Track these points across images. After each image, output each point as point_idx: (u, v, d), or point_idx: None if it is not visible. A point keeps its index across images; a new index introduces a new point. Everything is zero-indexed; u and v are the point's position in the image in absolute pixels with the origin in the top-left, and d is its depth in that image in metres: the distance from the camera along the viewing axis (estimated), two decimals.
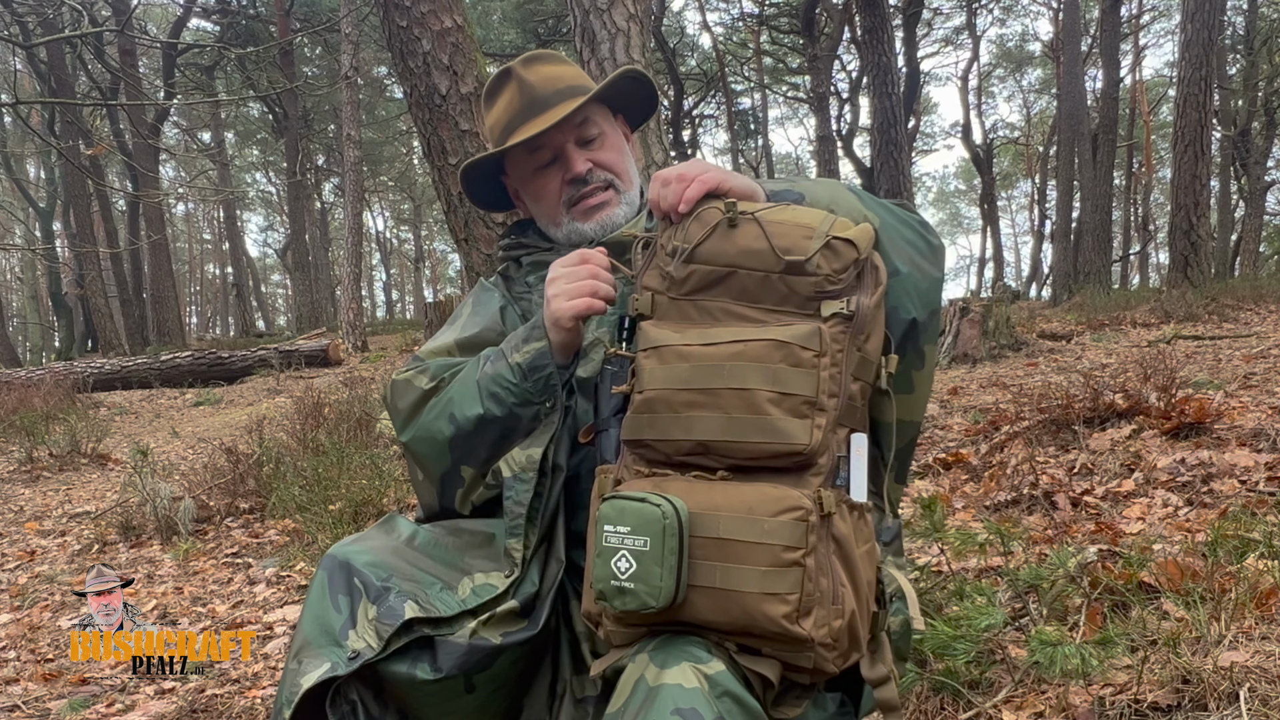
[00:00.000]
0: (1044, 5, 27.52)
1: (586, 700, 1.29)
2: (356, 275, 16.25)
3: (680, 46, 23.41)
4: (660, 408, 1.15)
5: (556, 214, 1.50)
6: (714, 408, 1.12)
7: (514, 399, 1.30)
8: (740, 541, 1.06)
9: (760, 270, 1.15)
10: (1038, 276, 30.92)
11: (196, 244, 44.26)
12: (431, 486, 1.40)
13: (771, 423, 1.10)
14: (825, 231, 1.15)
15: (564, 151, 1.47)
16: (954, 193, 48.18)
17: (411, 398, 1.39)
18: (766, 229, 1.16)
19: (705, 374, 1.13)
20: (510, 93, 1.49)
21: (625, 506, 1.09)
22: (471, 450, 1.34)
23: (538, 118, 1.45)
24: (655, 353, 1.17)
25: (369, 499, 3.95)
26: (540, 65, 1.51)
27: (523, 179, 1.54)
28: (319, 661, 1.16)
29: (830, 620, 1.07)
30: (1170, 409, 3.60)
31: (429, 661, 1.18)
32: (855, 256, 1.15)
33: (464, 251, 3.36)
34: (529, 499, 1.28)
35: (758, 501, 1.08)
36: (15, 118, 17.71)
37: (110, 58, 17.28)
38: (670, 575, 1.06)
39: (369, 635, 1.16)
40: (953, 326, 7.32)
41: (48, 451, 6.95)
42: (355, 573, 1.22)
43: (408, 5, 3.18)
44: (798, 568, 1.05)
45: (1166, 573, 2.01)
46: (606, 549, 1.09)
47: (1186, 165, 11.52)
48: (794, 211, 1.20)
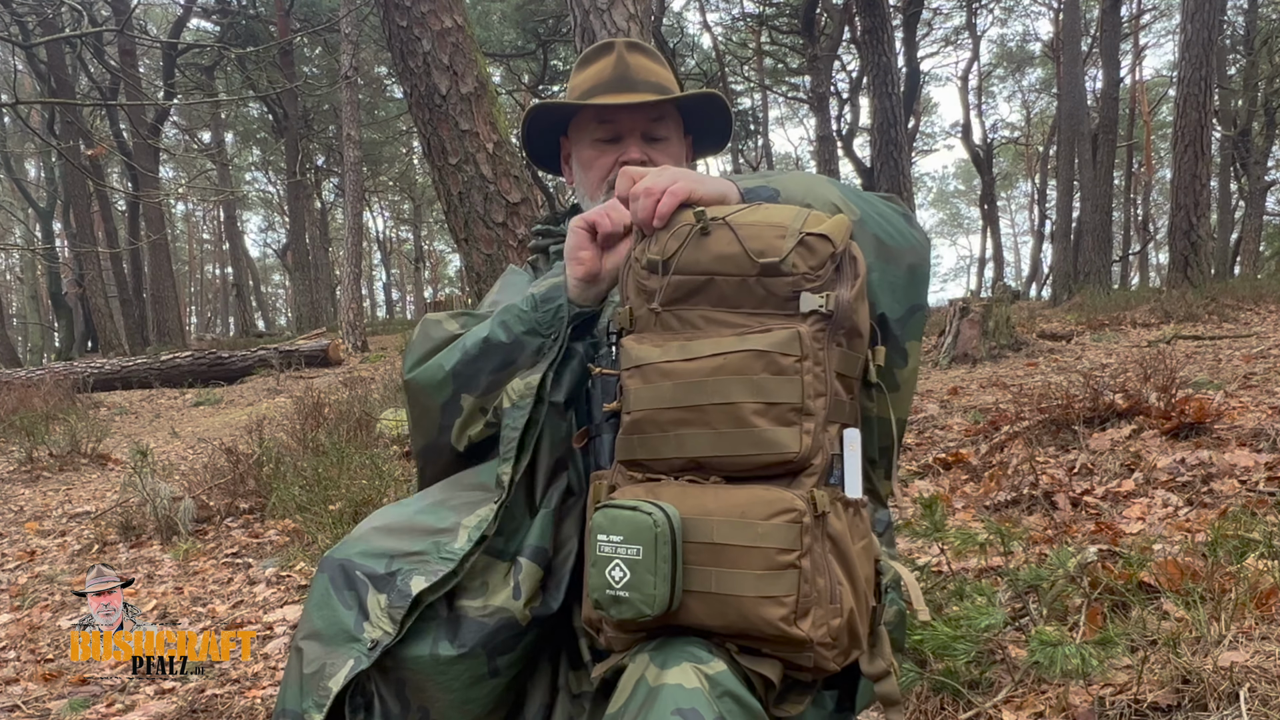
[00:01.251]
0: (1044, 5, 27.55)
1: (583, 696, 1.29)
2: (356, 275, 16.24)
3: (680, 46, 23.41)
4: (649, 428, 1.15)
5: (597, 190, 1.54)
6: (701, 424, 1.11)
7: (522, 326, 1.34)
8: (734, 546, 1.06)
9: (736, 275, 1.14)
10: (1038, 276, 30.94)
11: (196, 244, 44.27)
12: (432, 418, 1.40)
13: (760, 434, 1.09)
14: (798, 229, 1.13)
15: (628, 138, 1.53)
16: (954, 193, 48.21)
17: (439, 336, 1.42)
18: (739, 233, 1.14)
19: (689, 391, 1.12)
20: (606, 62, 1.56)
21: (617, 515, 1.09)
22: (472, 377, 1.35)
23: (622, 94, 1.52)
24: (639, 372, 1.17)
25: (369, 499, 3.95)
26: (642, 55, 1.58)
27: (580, 144, 1.58)
28: (341, 661, 1.16)
29: (829, 619, 1.07)
30: (1170, 409, 3.60)
31: (449, 639, 1.19)
32: (831, 251, 1.12)
33: (464, 251, 3.36)
34: (523, 424, 1.29)
35: (750, 505, 1.07)
36: (15, 118, 17.71)
37: (110, 58, 17.29)
38: (664, 583, 1.05)
39: (384, 623, 1.17)
40: (953, 326, 7.32)
41: (48, 451, 6.95)
42: (356, 567, 1.22)
43: (408, 5, 3.18)
44: (793, 569, 1.05)
45: (1166, 573, 2.01)
46: (600, 558, 1.09)
47: (1186, 165, 11.52)
48: (766, 211, 1.18)
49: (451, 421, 1.38)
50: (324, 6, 21.22)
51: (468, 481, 1.36)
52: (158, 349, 16.41)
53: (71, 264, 21.12)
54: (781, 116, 37.53)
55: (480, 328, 1.38)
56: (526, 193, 3.38)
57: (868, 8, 13.35)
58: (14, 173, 23.39)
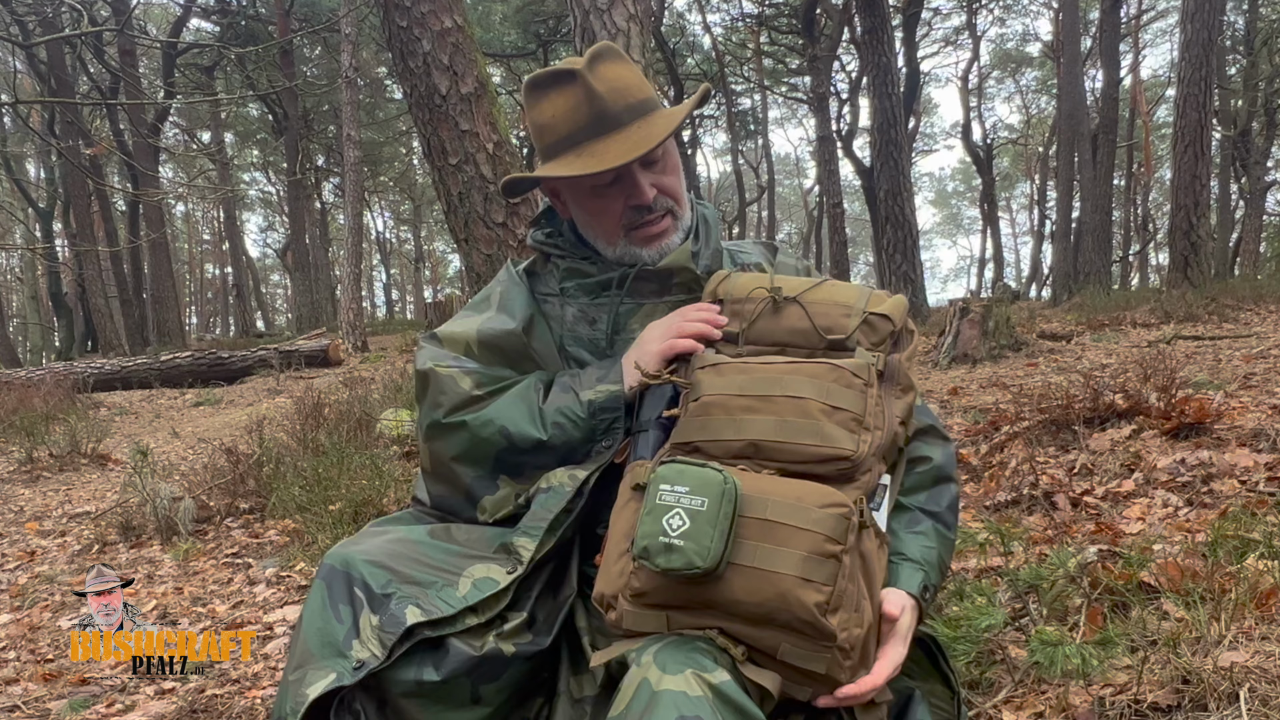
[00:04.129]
0: (1044, 5, 27.54)
1: (584, 700, 1.28)
2: (356, 275, 16.25)
3: (680, 47, 23.41)
4: (716, 411, 1.21)
5: (614, 235, 1.44)
6: (768, 411, 1.18)
7: (579, 433, 1.34)
8: (786, 525, 1.09)
9: (806, 348, 1.27)
10: (1038, 277, 30.95)
11: (196, 244, 44.26)
12: (457, 486, 1.39)
13: (822, 427, 1.15)
14: (862, 309, 1.27)
15: (631, 175, 1.39)
16: (954, 193, 48.22)
17: (456, 397, 1.38)
18: (809, 309, 1.28)
19: (762, 383, 1.20)
20: (574, 97, 1.38)
21: (685, 469, 1.13)
22: (517, 466, 1.35)
23: (609, 138, 1.37)
24: (713, 368, 1.25)
25: (369, 499, 3.95)
26: (605, 66, 1.41)
27: (578, 193, 1.45)
28: (323, 673, 1.16)
29: (852, 626, 1.09)
30: (1170, 409, 3.59)
31: (433, 666, 1.18)
32: (891, 329, 1.26)
33: (464, 251, 3.36)
34: (558, 510, 1.29)
35: (806, 492, 1.11)
36: (15, 118, 17.71)
37: (110, 58, 17.29)
38: (721, 539, 1.08)
39: (373, 644, 1.17)
40: (953, 327, 7.32)
41: (48, 452, 6.95)
42: (355, 581, 1.22)
43: (408, 5, 3.18)
44: (835, 561, 1.07)
45: (1166, 573, 2.01)
46: (659, 506, 1.11)
47: (1186, 165, 11.51)
48: (831, 289, 1.31)
49: (481, 496, 1.38)
50: (324, 6, 21.21)
51: (482, 534, 1.36)
52: (158, 349, 16.41)
53: (71, 264, 21.11)
54: (781, 116, 37.59)
55: (522, 417, 1.34)
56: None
57: (868, 8, 13.36)
58: (14, 173, 23.37)
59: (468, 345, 1.44)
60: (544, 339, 1.46)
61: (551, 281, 1.51)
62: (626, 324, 1.45)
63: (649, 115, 1.41)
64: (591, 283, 1.46)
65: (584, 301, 1.47)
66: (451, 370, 1.40)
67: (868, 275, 42.96)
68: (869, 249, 35.97)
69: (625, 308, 1.45)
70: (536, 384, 1.39)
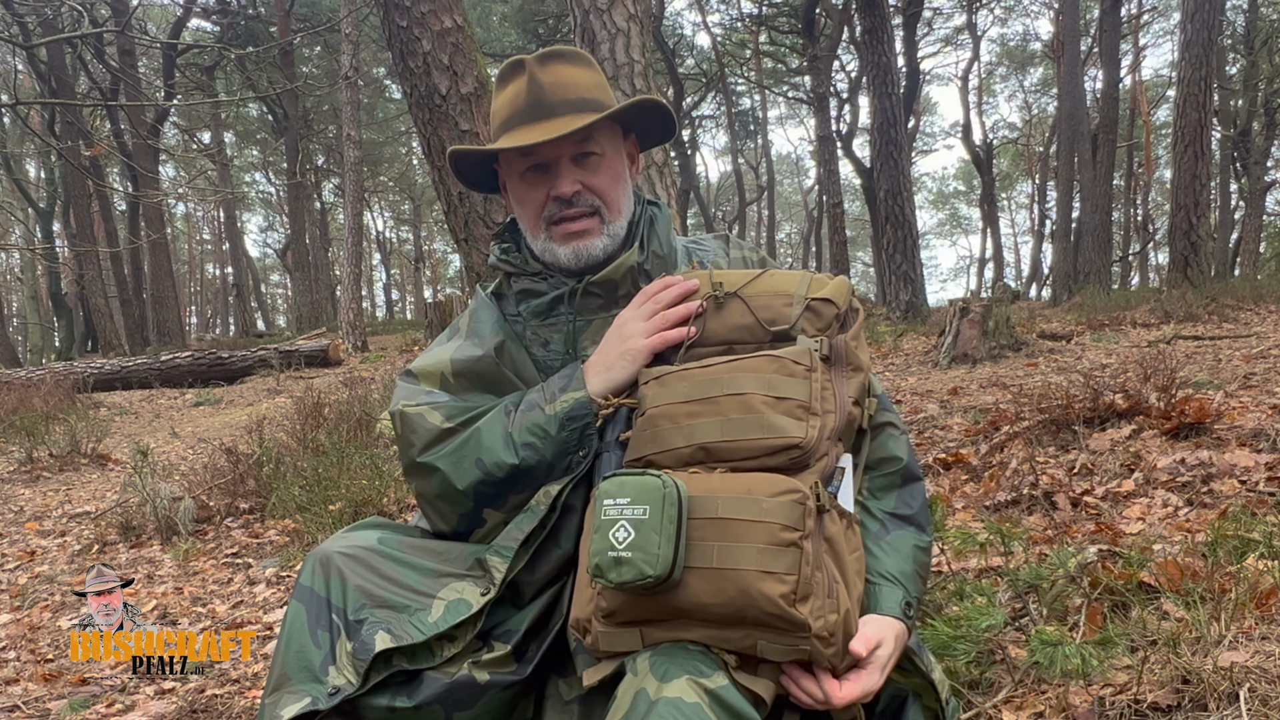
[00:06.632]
0: (1044, 5, 27.54)
1: (573, 701, 1.28)
2: (356, 275, 16.26)
3: (679, 47, 23.41)
4: (663, 422, 1.20)
5: (536, 226, 1.45)
6: (713, 414, 1.17)
7: (550, 449, 1.30)
8: (738, 520, 1.08)
9: (752, 343, 1.27)
10: (1038, 277, 30.93)
11: (196, 244, 44.26)
12: (448, 521, 1.38)
13: (768, 419, 1.14)
14: (804, 295, 1.26)
15: (556, 165, 1.41)
16: (954, 193, 48.18)
17: (428, 434, 1.36)
18: (750, 304, 1.28)
19: (704, 386, 1.20)
20: (518, 86, 1.42)
21: (625, 480, 1.11)
22: (498, 496, 1.33)
23: (538, 124, 1.38)
24: (656, 381, 1.25)
25: (369, 499, 3.95)
26: (557, 65, 1.43)
27: (510, 177, 1.48)
28: (298, 697, 1.16)
29: (826, 613, 1.07)
30: (1170, 409, 3.59)
31: (406, 694, 1.19)
32: (835, 312, 1.26)
33: (464, 251, 3.36)
34: (531, 529, 1.28)
35: (756, 484, 1.10)
36: (15, 118, 17.72)
37: (110, 58, 17.28)
38: (669, 544, 1.06)
39: (348, 671, 1.17)
40: (953, 327, 7.32)
41: (48, 452, 6.95)
42: (333, 607, 1.22)
43: (408, 5, 3.18)
44: (795, 549, 1.06)
45: (1166, 573, 2.01)
46: (605, 521, 1.10)
47: (1186, 165, 11.52)
48: (772, 279, 1.30)
49: (471, 529, 1.37)
50: (324, 6, 21.23)
51: (461, 546, 1.35)
52: (158, 349, 16.40)
53: (71, 264, 21.11)
54: (781, 116, 37.64)
55: (496, 444, 1.31)
56: None
57: (868, 8, 13.35)
58: (14, 173, 23.36)
59: (442, 376, 1.42)
60: (519, 358, 1.44)
61: (513, 301, 1.50)
62: (578, 342, 1.43)
63: (587, 112, 1.40)
64: (542, 303, 1.45)
65: (534, 324, 1.46)
66: (421, 408, 1.38)
67: (866, 275, 42.92)
68: (869, 249, 35.95)
69: (577, 325, 1.43)
70: (508, 407, 1.36)
